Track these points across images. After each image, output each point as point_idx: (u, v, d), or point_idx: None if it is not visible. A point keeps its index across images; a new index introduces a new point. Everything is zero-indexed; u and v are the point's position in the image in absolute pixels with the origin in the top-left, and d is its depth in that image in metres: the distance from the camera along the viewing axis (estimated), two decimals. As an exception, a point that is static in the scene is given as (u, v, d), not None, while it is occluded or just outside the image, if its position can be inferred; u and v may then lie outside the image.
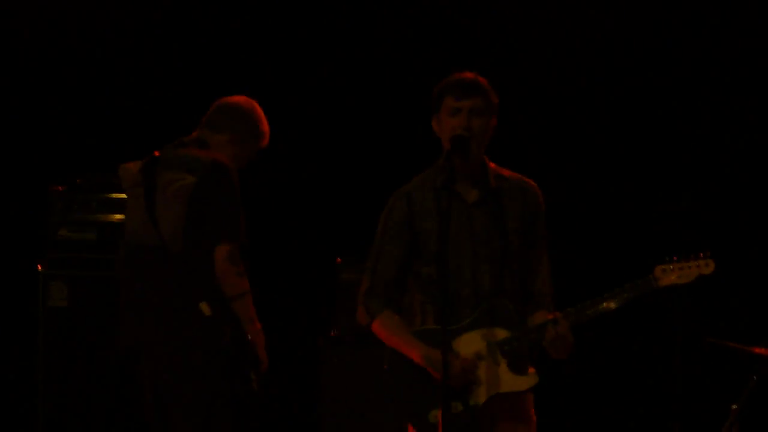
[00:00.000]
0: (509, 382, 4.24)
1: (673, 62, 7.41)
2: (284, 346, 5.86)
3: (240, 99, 5.21)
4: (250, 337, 4.87)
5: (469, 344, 4.25)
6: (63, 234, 6.41)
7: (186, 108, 5.73)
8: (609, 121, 7.47)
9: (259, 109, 5.20)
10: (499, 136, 4.46)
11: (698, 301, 6.85)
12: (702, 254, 4.20)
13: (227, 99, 5.20)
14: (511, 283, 4.34)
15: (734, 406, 5.91)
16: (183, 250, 4.86)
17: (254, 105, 5.20)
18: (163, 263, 4.87)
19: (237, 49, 7.52)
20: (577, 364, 6.08)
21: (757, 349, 5.98)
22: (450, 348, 4.16)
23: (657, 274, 4.21)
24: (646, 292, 4.22)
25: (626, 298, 4.22)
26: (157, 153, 5.04)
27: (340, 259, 6.62)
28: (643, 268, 4.24)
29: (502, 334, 4.26)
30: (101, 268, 6.28)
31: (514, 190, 4.41)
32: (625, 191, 7.44)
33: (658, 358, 7.21)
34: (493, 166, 4.43)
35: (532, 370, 4.29)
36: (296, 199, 7.56)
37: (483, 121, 4.31)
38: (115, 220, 6.33)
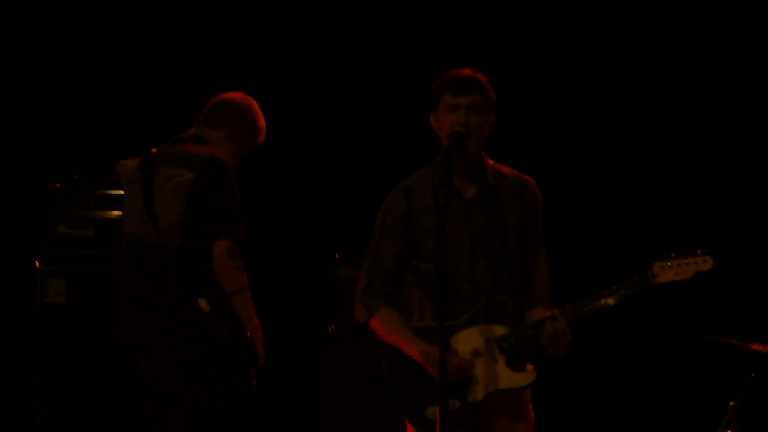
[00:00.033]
0: (507, 378, 4.24)
1: (672, 58, 7.41)
2: (282, 343, 5.86)
3: (237, 95, 5.20)
4: (248, 333, 4.87)
5: (467, 341, 4.25)
6: (61, 230, 6.40)
7: (183, 105, 5.72)
8: (607, 118, 7.47)
9: (255, 106, 5.21)
10: (497, 133, 4.45)
11: (696, 298, 6.85)
12: (700, 251, 4.20)
13: (224, 95, 5.20)
14: (509, 280, 4.33)
15: (732, 403, 5.92)
16: (181, 247, 4.85)
17: (251, 101, 5.20)
18: (162, 259, 4.87)
19: (233, 46, 7.51)
20: (575, 361, 6.09)
21: (755, 346, 5.99)
22: (448, 344, 4.16)
23: (655, 270, 4.21)
24: (644, 289, 4.22)
25: (624, 294, 4.22)
26: (154, 150, 5.04)
27: (337, 256, 6.61)
28: (641, 265, 4.24)
29: (500, 330, 4.26)
30: (99, 265, 6.28)
31: (513, 186, 4.41)
32: (623, 188, 7.44)
33: (656, 355, 7.21)
34: (491, 162, 4.43)
35: (530, 367, 4.29)
36: (293, 196, 7.55)
37: (481, 117, 4.31)
38: (113, 217, 6.33)
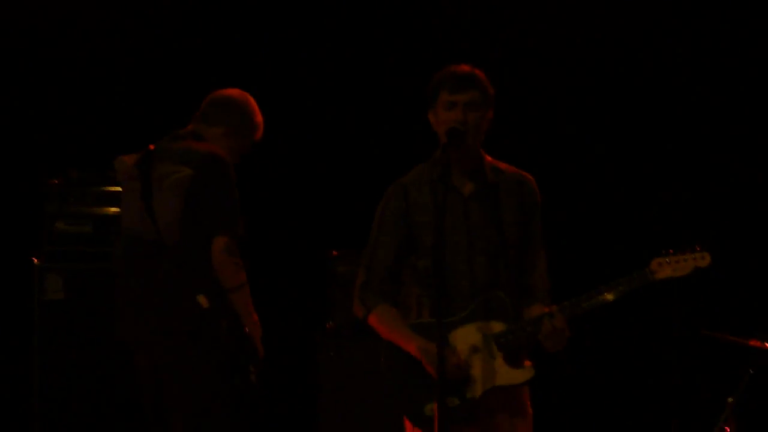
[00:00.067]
0: (505, 375, 4.24)
1: (671, 53, 7.41)
2: (280, 340, 5.86)
3: (234, 92, 5.20)
4: (247, 330, 4.87)
5: (465, 337, 4.25)
6: (59, 227, 6.40)
7: (181, 101, 5.71)
8: (605, 114, 7.47)
9: (252, 102, 5.20)
10: (496, 130, 4.45)
11: (694, 295, 6.85)
12: (698, 247, 4.20)
13: (221, 92, 5.20)
14: (507, 276, 4.33)
15: (730, 399, 5.92)
16: (180, 243, 4.85)
17: (248, 98, 5.20)
18: (160, 256, 4.87)
19: (230, 42, 7.50)
20: (573, 357, 6.09)
21: (753, 342, 5.99)
22: (446, 341, 4.16)
23: (653, 267, 4.21)
24: (643, 285, 4.22)
25: (622, 291, 4.21)
26: (152, 146, 5.03)
27: (335, 252, 6.61)
28: (639, 262, 4.24)
29: (498, 327, 4.26)
30: (97, 261, 6.28)
31: (511, 183, 4.40)
32: (621, 184, 7.44)
33: (654, 351, 7.21)
34: (489, 159, 4.42)
35: (529, 364, 4.29)
36: (291, 193, 7.55)
37: (478, 114, 4.30)
38: (111, 213, 6.33)
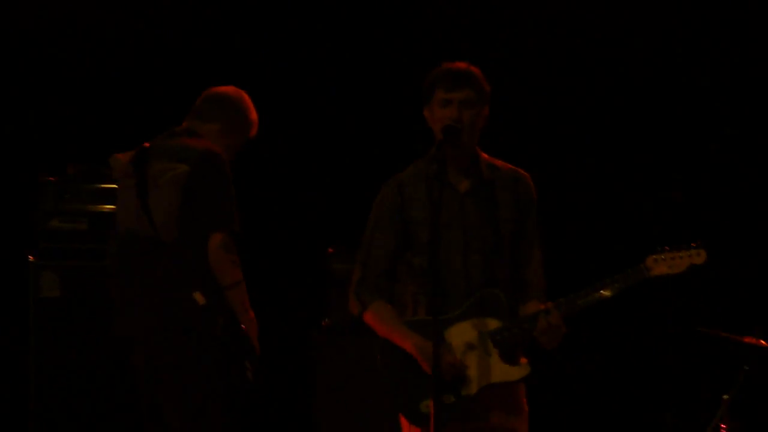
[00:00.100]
0: (501, 372, 4.24)
1: (665, 51, 7.41)
2: (276, 337, 5.85)
3: (229, 89, 5.20)
4: (244, 326, 4.87)
5: (461, 334, 4.25)
6: (54, 224, 6.39)
7: (175, 99, 5.70)
8: (601, 111, 7.47)
9: (247, 99, 5.20)
10: (492, 127, 4.45)
11: (690, 291, 6.86)
12: (693, 244, 4.20)
13: (216, 89, 5.19)
14: (503, 273, 4.33)
15: (726, 397, 5.93)
16: (176, 240, 4.85)
17: (243, 95, 5.20)
18: (157, 253, 4.86)
19: (226, 39, 7.49)
20: (569, 354, 6.10)
21: (748, 339, 6.00)
22: (442, 339, 4.16)
23: (649, 263, 4.21)
24: (638, 282, 4.22)
25: (618, 288, 4.22)
26: (147, 144, 5.03)
27: (331, 249, 6.61)
28: (635, 258, 4.25)
29: (493, 324, 4.26)
30: (93, 258, 6.27)
31: (507, 180, 4.41)
32: (617, 182, 7.44)
33: (650, 348, 7.22)
34: (485, 156, 4.43)
35: (524, 361, 4.29)
36: (287, 189, 7.54)
37: (474, 112, 4.30)
38: (107, 210, 6.31)
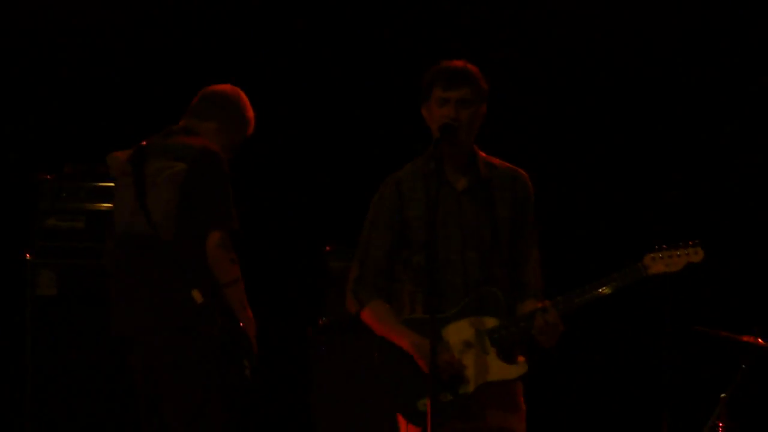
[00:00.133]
0: (498, 370, 4.24)
1: (662, 49, 7.41)
2: (273, 335, 5.85)
3: (225, 87, 5.20)
4: (242, 325, 4.87)
5: (458, 332, 4.25)
6: (51, 222, 6.39)
7: (173, 97, 5.70)
8: (598, 110, 7.47)
9: (244, 97, 5.20)
10: (490, 126, 4.45)
11: (687, 290, 6.86)
12: (691, 242, 4.20)
13: (213, 87, 5.19)
14: (500, 272, 4.33)
15: (723, 395, 5.93)
16: (174, 238, 4.84)
17: (240, 93, 5.20)
18: (154, 251, 4.85)
19: (223, 37, 7.49)
20: (566, 353, 6.09)
21: (746, 338, 6.00)
22: (439, 337, 4.16)
23: (646, 262, 4.21)
24: (636, 281, 4.22)
25: (615, 286, 4.22)
26: (144, 142, 5.02)
27: (329, 248, 6.61)
28: (633, 257, 4.25)
29: (491, 322, 4.26)
30: (90, 257, 6.27)
31: (504, 178, 4.41)
32: (614, 180, 7.44)
33: (647, 347, 7.21)
34: (483, 154, 4.43)
35: (522, 359, 4.29)
36: (284, 188, 7.54)
37: (471, 111, 4.30)
38: (104, 209, 6.31)
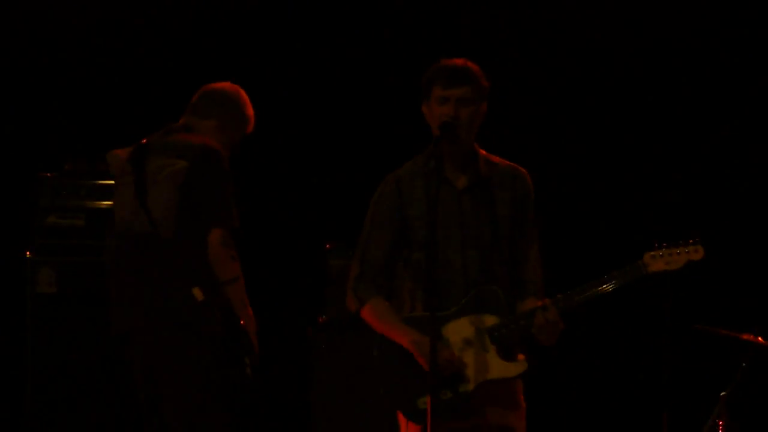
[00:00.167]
0: (498, 368, 4.23)
1: (663, 49, 7.41)
2: (273, 333, 5.85)
3: (225, 85, 5.20)
4: (242, 322, 4.87)
5: (458, 331, 4.25)
6: (51, 220, 6.39)
7: (173, 95, 5.70)
8: (598, 109, 7.47)
9: (244, 95, 5.20)
10: (490, 125, 4.45)
11: (687, 288, 6.86)
12: (691, 240, 4.20)
13: (212, 85, 5.19)
14: (501, 270, 4.33)
15: (723, 393, 5.94)
16: (175, 236, 4.84)
17: (239, 91, 5.19)
18: (155, 249, 4.86)
19: (223, 36, 7.49)
20: (566, 351, 6.09)
21: (746, 336, 6.00)
22: (439, 334, 4.16)
23: (646, 260, 4.21)
24: (636, 279, 4.22)
25: (616, 284, 4.21)
26: (144, 140, 5.02)
27: (329, 246, 6.61)
28: (633, 255, 4.25)
29: (491, 320, 4.26)
30: (90, 254, 6.27)
31: (505, 176, 4.40)
32: (614, 178, 7.44)
33: (647, 345, 7.22)
34: (483, 153, 4.42)
35: (522, 357, 4.28)
36: (285, 186, 7.54)
37: (471, 109, 4.30)
38: (104, 206, 6.32)
